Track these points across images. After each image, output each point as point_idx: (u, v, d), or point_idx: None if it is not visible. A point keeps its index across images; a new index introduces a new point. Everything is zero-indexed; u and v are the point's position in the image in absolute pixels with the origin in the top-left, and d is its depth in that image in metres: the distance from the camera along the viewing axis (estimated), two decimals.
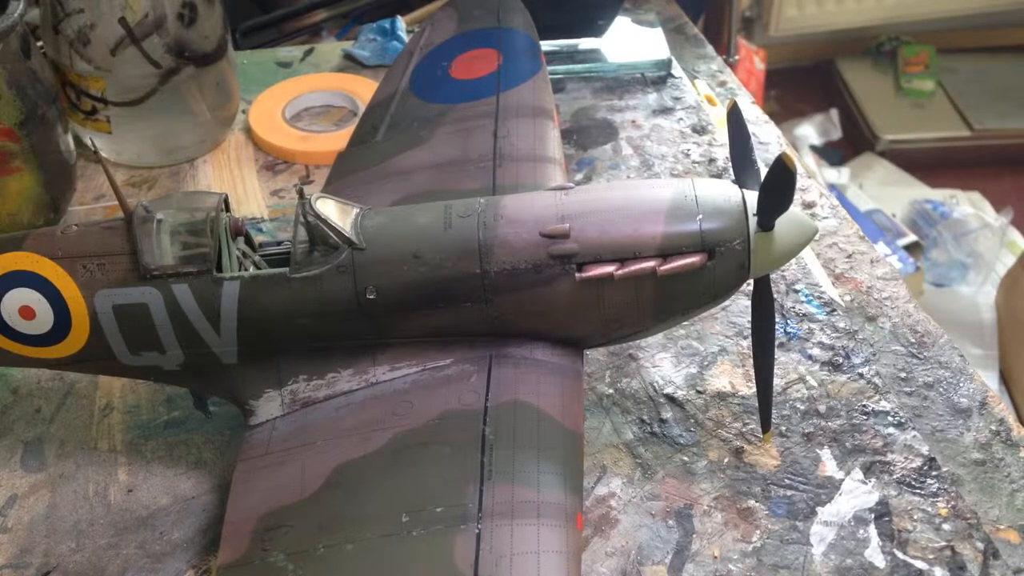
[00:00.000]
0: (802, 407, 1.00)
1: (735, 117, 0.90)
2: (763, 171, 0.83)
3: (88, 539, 0.89)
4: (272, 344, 0.87)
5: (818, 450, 0.96)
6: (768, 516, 0.90)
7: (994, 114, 3.16)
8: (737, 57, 2.53)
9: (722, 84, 1.61)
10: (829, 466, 0.94)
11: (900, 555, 0.87)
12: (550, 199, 0.87)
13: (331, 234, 0.84)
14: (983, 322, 2.39)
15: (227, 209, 0.89)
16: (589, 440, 0.96)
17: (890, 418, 0.99)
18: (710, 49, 1.71)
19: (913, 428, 0.98)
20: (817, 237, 1.15)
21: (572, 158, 1.39)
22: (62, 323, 0.87)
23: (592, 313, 0.85)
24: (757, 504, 0.91)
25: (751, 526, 0.89)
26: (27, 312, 0.87)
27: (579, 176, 1.35)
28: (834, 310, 1.12)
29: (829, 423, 0.98)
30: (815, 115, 3.25)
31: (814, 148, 3.13)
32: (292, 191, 1.33)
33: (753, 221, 0.83)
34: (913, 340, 1.08)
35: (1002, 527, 0.89)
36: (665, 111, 1.49)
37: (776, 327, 0.99)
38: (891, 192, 2.90)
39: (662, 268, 0.82)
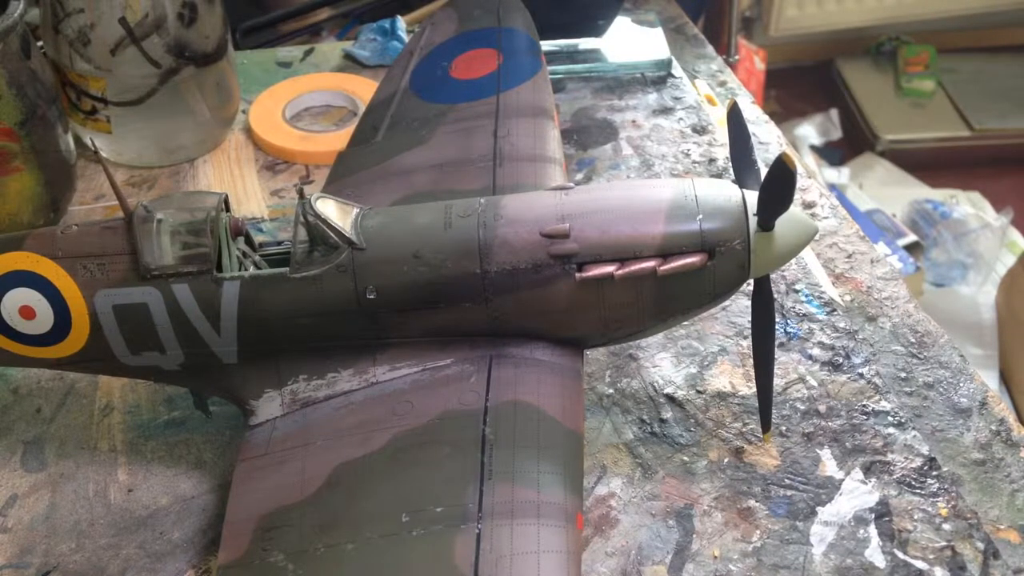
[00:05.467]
0: (802, 407, 1.00)
1: (735, 117, 0.90)
2: (763, 171, 0.83)
3: (88, 539, 0.89)
4: (272, 344, 0.87)
5: (818, 450, 0.96)
6: (768, 516, 0.90)
7: (994, 114, 3.15)
8: (737, 57, 2.54)
9: (722, 84, 1.61)
10: (829, 466, 0.94)
11: (900, 555, 0.87)
12: (550, 199, 0.87)
13: (331, 234, 0.84)
14: (983, 322, 2.39)
15: (227, 209, 0.89)
16: (589, 440, 0.96)
17: (890, 418, 0.99)
18: (710, 49, 1.71)
19: (913, 428, 0.98)
20: (817, 237, 1.15)
21: (572, 158, 1.39)
22: (62, 323, 0.87)
23: (592, 313, 0.85)
24: (757, 504, 0.91)
25: (751, 526, 0.89)
26: (27, 312, 0.87)
27: (579, 176, 1.35)
28: (834, 310, 1.12)
29: (829, 423, 0.98)
30: (815, 115, 3.25)
31: (814, 148, 3.13)
32: (292, 191, 1.33)
33: (753, 221, 0.83)
34: (913, 340, 1.08)
35: (1002, 527, 0.89)
36: (665, 111, 1.49)
37: (776, 327, 0.99)
38: (891, 192, 2.90)
39: (662, 268, 0.82)
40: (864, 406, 1.00)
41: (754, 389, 0.95)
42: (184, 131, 1.37)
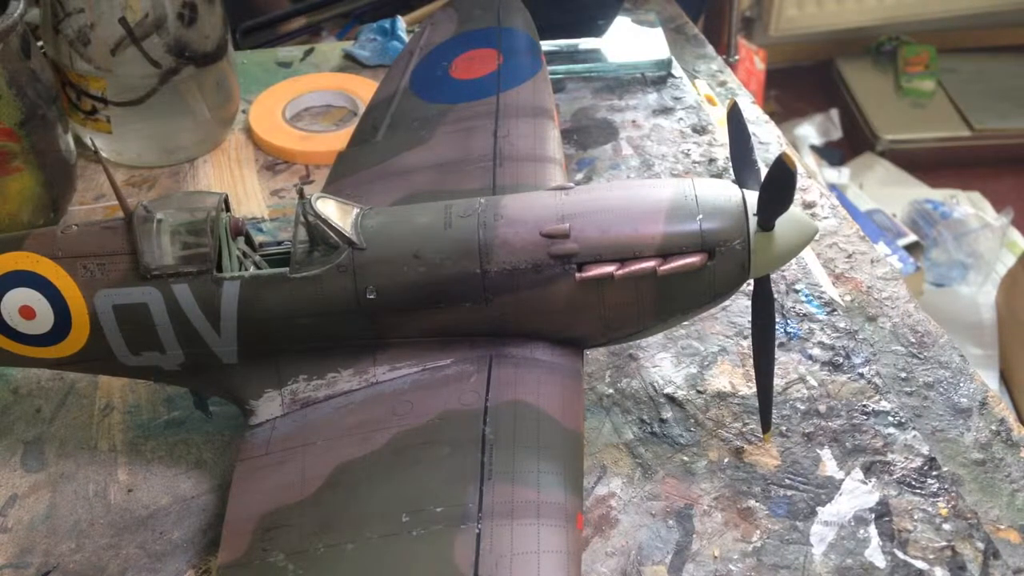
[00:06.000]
0: (802, 407, 1.00)
1: (735, 117, 0.90)
2: (763, 171, 0.83)
3: (88, 539, 0.89)
4: (272, 344, 0.87)
5: (818, 450, 0.96)
6: (768, 516, 0.90)
7: (994, 114, 3.16)
8: (737, 57, 2.54)
9: (722, 84, 1.61)
10: (829, 466, 0.94)
11: (900, 555, 0.87)
12: (550, 199, 0.87)
13: (331, 234, 0.84)
14: (983, 322, 2.39)
15: (227, 209, 0.89)
16: (589, 440, 0.96)
17: (890, 418, 0.99)
18: (710, 49, 1.71)
19: (913, 428, 0.98)
20: (817, 237, 1.15)
21: (572, 158, 1.39)
22: (62, 323, 0.87)
23: (592, 313, 0.85)
24: (757, 504, 0.91)
25: (751, 526, 0.89)
26: (27, 312, 0.87)
27: (579, 176, 1.35)
28: (834, 310, 1.12)
29: (829, 423, 0.98)
30: (815, 115, 3.26)
31: (814, 148, 3.13)
32: (292, 191, 1.33)
33: (753, 221, 0.83)
34: (913, 340, 1.08)
35: (1002, 527, 0.89)
36: (665, 111, 1.49)
37: (776, 327, 0.99)
38: (891, 192, 2.90)
39: (662, 268, 0.82)
40: (864, 406, 1.00)
41: (754, 389, 0.95)
42: (184, 131, 1.37)
